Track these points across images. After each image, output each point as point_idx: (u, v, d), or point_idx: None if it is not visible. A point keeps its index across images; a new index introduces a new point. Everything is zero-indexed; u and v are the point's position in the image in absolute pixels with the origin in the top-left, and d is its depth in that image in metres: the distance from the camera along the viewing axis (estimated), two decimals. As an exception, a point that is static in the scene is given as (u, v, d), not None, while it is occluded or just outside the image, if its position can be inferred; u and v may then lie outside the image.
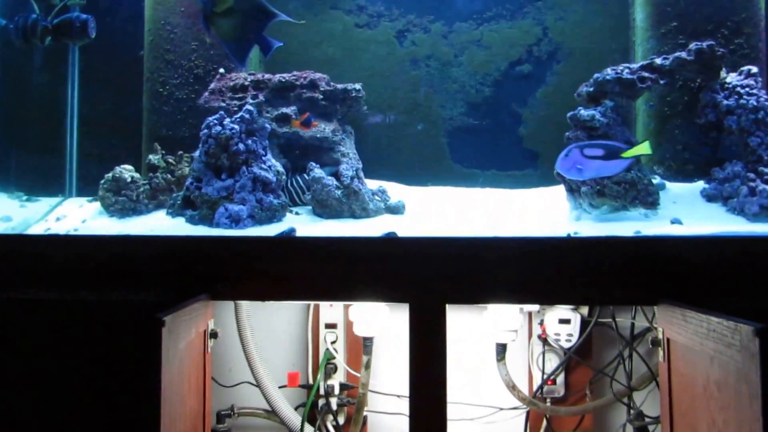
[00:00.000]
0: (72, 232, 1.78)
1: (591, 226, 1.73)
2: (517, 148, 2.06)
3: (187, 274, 1.61)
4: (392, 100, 2.13)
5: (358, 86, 1.97)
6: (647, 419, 2.00)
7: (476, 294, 1.62)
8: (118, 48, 2.11)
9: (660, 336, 1.55)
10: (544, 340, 2.11)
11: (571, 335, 2.10)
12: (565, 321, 2.04)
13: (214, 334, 1.72)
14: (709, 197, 1.82)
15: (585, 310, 2.04)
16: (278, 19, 1.68)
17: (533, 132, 2.03)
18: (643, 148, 1.67)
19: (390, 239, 1.62)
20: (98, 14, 2.06)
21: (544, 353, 2.11)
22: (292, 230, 1.67)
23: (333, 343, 2.21)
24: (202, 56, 2.03)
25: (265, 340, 2.22)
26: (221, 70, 1.97)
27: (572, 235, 1.61)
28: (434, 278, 1.57)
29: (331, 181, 1.82)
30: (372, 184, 2.03)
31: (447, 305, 1.56)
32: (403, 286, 1.59)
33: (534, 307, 2.02)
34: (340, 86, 1.94)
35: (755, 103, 1.75)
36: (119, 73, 2.14)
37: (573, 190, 1.76)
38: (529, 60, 2.13)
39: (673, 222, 1.68)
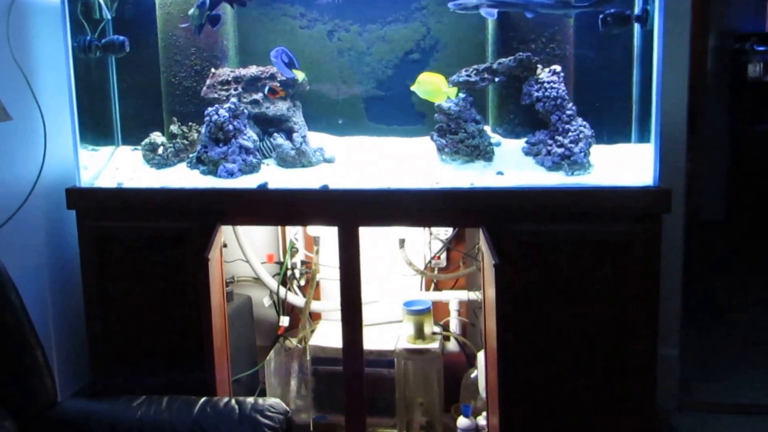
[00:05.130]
0: (129, 180, 3.27)
1: (451, 172, 3.13)
2: (411, 111, 3.49)
3: (207, 210, 3.13)
4: (326, 79, 3.55)
5: (302, 75, 3.47)
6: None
7: (377, 221, 3.12)
8: (141, 48, 3.49)
9: (481, 244, 3.07)
10: (430, 233, 3.69)
11: (448, 230, 3.70)
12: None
13: (224, 245, 3.24)
14: (526, 153, 3.21)
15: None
16: None
17: (421, 100, 3.36)
18: (300, 74, 3.37)
19: (324, 190, 3.06)
20: (125, 25, 3.41)
21: (430, 242, 3.70)
22: (266, 183, 3.12)
23: (295, 234, 3.79)
24: (198, 57, 3.53)
25: (251, 233, 3.80)
26: (213, 70, 3.36)
27: (437, 184, 3.04)
28: (352, 212, 3.06)
29: (288, 145, 3.27)
30: (315, 137, 3.49)
31: (360, 227, 3.06)
32: (333, 216, 3.09)
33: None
34: (290, 77, 3.31)
35: (555, 94, 3.11)
36: (143, 64, 3.53)
37: (440, 149, 3.18)
38: (418, 50, 3.53)
39: (497, 173, 3.08)
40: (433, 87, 3.17)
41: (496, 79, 3.23)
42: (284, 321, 3.95)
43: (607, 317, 2.86)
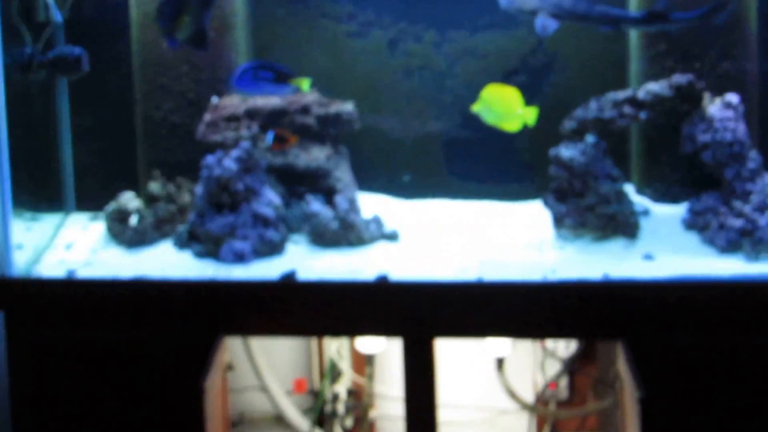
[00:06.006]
0: (86, 265, 3.60)
1: (573, 255, 3.39)
2: (514, 161, 3.83)
3: (204, 313, 3.40)
4: (386, 113, 3.92)
5: (349, 108, 3.78)
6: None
7: (462, 329, 3.38)
8: (106, 66, 3.92)
9: (620, 366, 3.39)
10: (543, 348, 4.04)
11: (570, 344, 4.03)
12: (562, 332, 3.87)
13: (230, 366, 3.64)
14: (687, 226, 3.47)
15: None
16: None
17: (529, 145, 3.70)
18: (304, 83, 3.54)
19: (382, 283, 3.40)
20: (84, 31, 3.83)
21: (543, 362, 4.05)
22: (293, 272, 3.47)
23: (338, 350, 4.16)
24: (193, 79, 3.88)
25: (270, 347, 4.16)
26: (214, 100, 3.77)
27: (549, 276, 3.33)
28: (423, 316, 3.30)
29: (327, 213, 3.64)
30: (368, 201, 3.84)
31: (436, 339, 3.32)
32: (395, 322, 3.34)
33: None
34: (332, 110, 3.72)
35: (730, 138, 3.35)
36: (110, 89, 3.95)
37: (557, 220, 3.45)
38: (525, 70, 3.87)
39: (644, 258, 3.33)
40: (502, 107, 3.41)
41: (642, 115, 3.51)
42: (321, 483, 4.21)
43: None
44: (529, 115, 3.41)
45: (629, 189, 3.62)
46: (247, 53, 4.00)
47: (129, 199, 3.85)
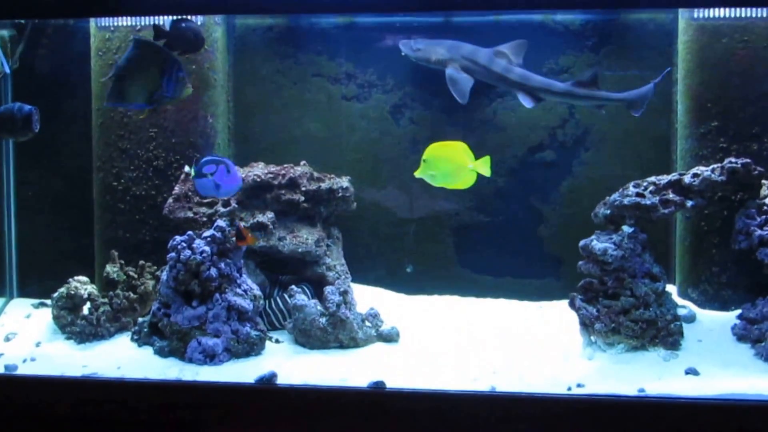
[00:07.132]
0: (28, 361, 3.47)
1: (604, 367, 3.30)
2: (537, 252, 3.70)
3: (162, 422, 3.25)
4: (387, 191, 3.79)
5: (345, 183, 3.65)
6: None
7: None
8: (60, 126, 3.79)
9: None
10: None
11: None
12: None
13: (195, 491, 3.48)
14: (739, 337, 3.34)
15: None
16: None
17: (556, 233, 3.58)
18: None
19: (377, 391, 3.28)
20: (37, 84, 3.72)
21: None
22: (273, 375, 3.34)
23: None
24: (161, 145, 3.75)
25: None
26: (186, 169, 3.64)
27: (574, 390, 3.22)
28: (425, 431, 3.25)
29: (315, 307, 3.51)
30: (364, 293, 3.71)
31: None
32: None
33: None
34: (324, 185, 3.58)
35: None
36: (63, 153, 3.83)
37: (586, 324, 3.34)
38: (552, 145, 3.76)
39: (687, 372, 3.19)
40: (449, 165, 3.34)
41: (689, 204, 3.37)
42: None
43: None
44: (482, 166, 3.32)
45: (671, 290, 3.49)
46: (226, 114, 3.90)
47: (81, 284, 3.71)
